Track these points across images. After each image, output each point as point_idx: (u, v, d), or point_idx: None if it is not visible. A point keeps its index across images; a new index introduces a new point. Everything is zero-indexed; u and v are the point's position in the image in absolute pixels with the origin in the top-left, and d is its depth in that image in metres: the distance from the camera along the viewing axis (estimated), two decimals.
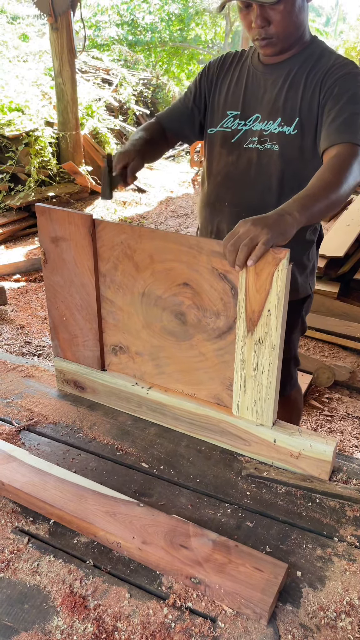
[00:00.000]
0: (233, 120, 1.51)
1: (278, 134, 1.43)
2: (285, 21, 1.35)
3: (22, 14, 10.21)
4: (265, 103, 1.46)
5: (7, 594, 0.98)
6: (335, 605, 0.95)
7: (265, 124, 1.45)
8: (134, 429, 1.40)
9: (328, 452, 1.18)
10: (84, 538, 1.09)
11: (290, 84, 1.42)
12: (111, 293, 1.35)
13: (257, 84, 1.48)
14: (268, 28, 1.35)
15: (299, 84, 1.41)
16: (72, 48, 5.68)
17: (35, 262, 4.51)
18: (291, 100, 1.42)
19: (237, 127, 1.50)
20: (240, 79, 1.52)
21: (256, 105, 1.48)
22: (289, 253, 1.06)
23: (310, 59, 1.43)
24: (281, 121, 1.42)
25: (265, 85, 1.47)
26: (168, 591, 0.98)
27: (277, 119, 1.43)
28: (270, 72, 1.46)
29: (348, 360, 3.19)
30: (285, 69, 1.44)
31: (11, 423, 1.43)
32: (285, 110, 1.42)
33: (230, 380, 1.26)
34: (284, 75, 1.44)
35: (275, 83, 1.45)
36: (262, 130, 1.45)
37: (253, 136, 1.47)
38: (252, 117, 1.48)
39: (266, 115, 1.45)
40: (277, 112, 1.43)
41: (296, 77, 1.42)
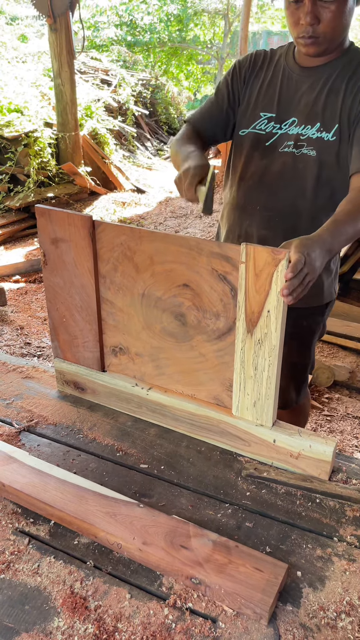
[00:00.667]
0: (267, 122, 1.48)
1: (316, 139, 1.41)
2: (335, 21, 1.32)
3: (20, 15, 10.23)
4: (303, 107, 1.43)
5: (7, 595, 0.98)
6: (336, 605, 0.95)
7: (303, 128, 1.43)
8: (134, 429, 1.41)
9: (328, 452, 1.19)
10: (84, 539, 1.09)
11: (330, 89, 1.40)
12: (111, 294, 1.36)
13: (293, 86, 1.45)
14: (317, 26, 1.32)
15: (339, 89, 1.39)
16: (71, 49, 5.68)
17: (34, 263, 4.51)
18: (331, 106, 1.39)
19: (271, 130, 1.47)
20: (273, 79, 1.49)
21: (292, 108, 1.45)
22: (288, 254, 1.06)
23: (350, 65, 1.40)
24: (320, 127, 1.40)
25: (302, 88, 1.44)
26: (168, 592, 0.98)
27: (315, 124, 1.41)
28: (308, 75, 1.43)
29: (347, 360, 3.20)
30: (323, 73, 1.42)
31: (11, 424, 1.43)
32: (324, 116, 1.40)
33: (230, 381, 1.26)
34: (323, 79, 1.41)
35: (314, 87, 1.42)
36: (299, 135, 1.43)
37: (289, 140, 1.45)
38: (288, 120, 1.45)
39: (303, 120, 1.43)
40: (315, 117, 1.41)
41: (336, 82, 1.40)
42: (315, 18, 1.30)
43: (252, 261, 1.09)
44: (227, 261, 1.14)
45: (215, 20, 13.58)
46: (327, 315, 1.72)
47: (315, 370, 2.97)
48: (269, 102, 1.48)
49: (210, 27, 13.56)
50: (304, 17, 1.31)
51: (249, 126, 1.51)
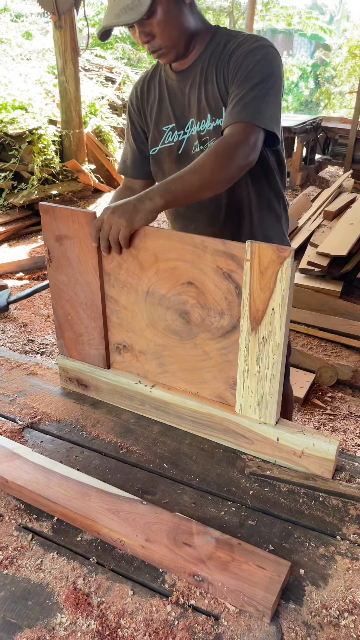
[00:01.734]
0: (172, 133, 1.52)
1: (214, 129, 1.43)
2: (166, 30, 1.33)
3: (25, 12, 10.21)
4: (193, 106, 1.46)
5: (11, 590, 0.99)
6: (338, 604, 0.96)
7: (200, 125, 1.46)
8: (137, 427, 1.41)
9: (331, 450, 1.19)
10: (87, 535, 1.10)
11: (205, 79, 1.42)
12: (115, 292, 1.36)
13: (178, 91, 1.49)
14: (153, 42, 1.35)
15: (212, 75, 1.41)
16: (76, 46, 5.68)
17: (38, 261, 4.51)
18: (211, 93, 1.42)
19: (178, 138, 1.51)
20: (161, 94, 1.53)
21: (186, 111, 1.48)
22: (293, 252, 1.06)
23: (217, 49, 1.42)
24: (211, 117, 1.43)
25: (185, 90, 1.47)
26: (171, 589, 0.98)
27: (207, 116, 1.43)
28: (185, 76, 1.46)
29: (351, 359, 3.19)
30: (196, 68, 1.44)
31: (15, 421, 1.43)
32: (210, 105, 1.42)
33: (233, 380, 1.26)
34: (198, 73, 1.44)
35: (193, 84, 1.45)
36: (199, 132, 1.46)
37: (195, 140, 1.48)
38: (187, 123, 1.48)
39: (198, 117, 1.46)
40: (204, 110, 1.44)
41: (208, 70, 1.42)
42: (147, 35, 1.33)
43: (257, 259, 1.09)
44: (231, 259, 1.14)
45: (220, 17, 13.54)
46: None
47: (318, 369, 2.97)
48: (166, 116, 1.52)
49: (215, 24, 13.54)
50: (138, 38, 1.35)
51: (157, 143, 1.56)
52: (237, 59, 1.35)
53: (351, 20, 18.83)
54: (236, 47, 1.37)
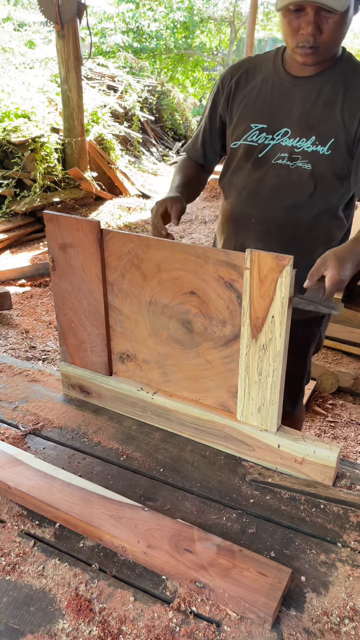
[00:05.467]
0: (259, 133, 1.44)
1: (311, 152, 1.38)
2: (336, 33, 1.29)
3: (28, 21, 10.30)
4: (296, 118, 1.40)
5: (13, 596, 0.99)
6: (339, 611, 0.96)
7: (297, 140, 1.40)
8: (139, 433, 1.42)
9: (332, 457, 1.19)
10: (89, 542, 1.10)
11: (325, 101, 1.37)
12: (118, 301, 1.37)
13: (285, 96, 1.41)
14: (318, 37, 1.28)
15: (334, 102, 1.36)
16: (78, 55, 5.73)
17: (40, 267, 4.53)
18: (326, 119, 1.37)
19: (263, 141, 1.44)
20: (263, 89, 1.45)
21: (284, 119, 1.42)
22: (292, 259, 1.08)
23: (345, 75, 1.37)
24: (315, 140, 1.38)
25: (295, 98, 1.40)
26: (173, 595, 0.99)
27: (310, 137, 1.38)
28: (301, 84, 1.40)
29: (352, 367, 3.20)
30: (317, 83, 1.38)
31: (17, 427, 1.44)
32: (319, 129, 1.37)
33: (236, 388, 1.27)
34: (317, 90, 1.38)
35: (307, 97, 1.39)
36: (294, 147, 1.40)
37: (282, 152, 1.42)
38: (280, 131, 1.42)
39: (298, 132, 1.40)
40: (310, 130, 1.38)
41: (331, 94, 1.36)
42: (317, 28, 1.27)
43: (256, 267, 1.10)
44: (233, 269, 1.15)
45: (222, 27, 13.65)
46: (324, 326, 1.71)
47: (319, 376, 2.97)
48: (259, 113, 1.45)
49: (217, 34, 13.64)
50: (305, 26, 1.27)
51: (240, 138, 1.48)
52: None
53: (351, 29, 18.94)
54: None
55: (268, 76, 1.45)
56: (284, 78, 1.43)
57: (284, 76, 1.43)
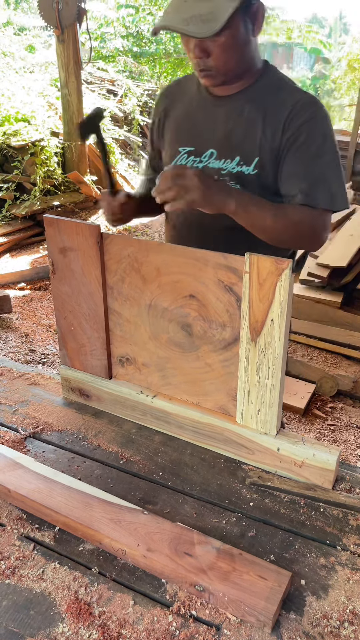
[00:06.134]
0: (187, 157, 1.40)
1: (236, 174, 1.34)
2: (225, 55, 1.24)
3: (28, 26, 10.34)
4: (219, 139, 1.35)
5: (13, 600, 0.99)
6: (339, 614, 0.96)
7: (223, 162, 1.35)
8: (139, 437, 1.42)
9: (331, 461, 1.20)
10: (89, 545, 1.10)
11: (247, 120, 1.32)
12: (118, 305, 1.37)
13: (209, 117, 1.37)
14: (207, 60, 1.24)
15: (256, 120, 1.31)
16: (78, 60, 5.75)
17: (40, 271, 4.54)
18: (249, 138, 1.32)
19: (192, 164, 1.40)
20: (189, 111, 1.41)
21: (209, 140, 1.37)
22: (292, 263, 1.08)
23: (267, 92, 1.33)
24: (239, 160, 1.33)
25: (218, 118, 1.36)
26: (172, 599, 0.99)
27: (234, 157, 1.33)
28: (222, 104, 1.35)
29: (351, 370, 3.20)
30: (238, 101, 1.34)
31: (17, 430, 1.44)
32: (243, 149, 1.33)
33: (236, 391, 1.27)
34: (238, 108, 1.33)
35: (229, 117, 1.34)
36: (220, 169, 1.36)
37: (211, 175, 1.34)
38: (206, 153, 1.37)
39: (223, 153, 1.35)
40: (234, 151, 1.34)
41: (252, 113, 1.32)
42: (203, 52, 1.23)
43: (255, 270, 1.11)
44: (232, 272, 1.16)
45: None
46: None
47: (319, 379, 2.98)
48: (186, 136, 1.41)
49: None
50: (192, 50, 1.25)
51: (169, 163, 1.44)
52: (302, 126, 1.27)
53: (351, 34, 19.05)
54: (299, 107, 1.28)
55: (192, 97, 1.42)
56: (206, 98, 1.39)
57: (206, 96, 1.39)
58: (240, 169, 1.34)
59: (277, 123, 1.30)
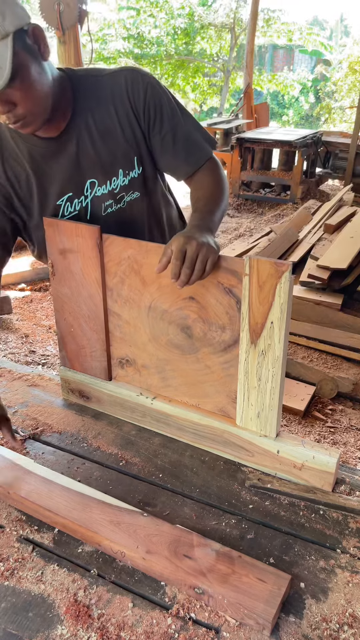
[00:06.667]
0: (70, 204, 1.34)
1: (130, 182, 1.33)
2: (31, 96, 1.11)
3: None
4: (89, 167, 1.30)
5: (11, 602, 0.99)
6: (338, 617, 0.96)
7: (109, 184, 1.32)
8: (138, 438, 1.42)
9: (331, 463, 1.19)
10: (88, 547, 1.10)
11: (100, 135, 1.28)
12: (118, 307, 1.37)
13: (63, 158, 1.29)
14: (15, 110, 1.12)
15: (108, 129, 1.27)
16: (79, 61, 5.75)
17: (40, 272, 4.54)
18: (117, 146, 1.29)
19: (81, 205, 1.34)
20: (36, 169, 1.30)
21: (80, 176, 1.31)
22: (291, 266, 1.08)
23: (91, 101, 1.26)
24: (123, 171, 1.31)
25: (73, 154, 1.28)
26: (171, 601, 0.98)
27: (117, 172, 1.31)
28: (63, 141, 1.27)
29: (351, 372, 3.20)
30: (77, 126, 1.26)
31: (17, 432, 1.44)
32: (118, 160, 1.30)
33: (235, 393, 1.27)
34: (85, 130, 1.27)
35: (81, 145, 1.27)
36: (112, 191, 1.33)
37: (105, 201, 1.33)
38: (85, 186, 1.32)
39: (103, 176, 1.31)
40: (112, 167, 1.31)
41: (99, 125, 1.27)
42: (8, 104, 1.10)
43: (255, 273, 1.11)
44: (232, 275, 1.16)
45: (222, 33, 13.73)
46: None
47: (318, 381, 2.97)
48: (54, 189, 1.32)
49: (217, 40, 13.72)
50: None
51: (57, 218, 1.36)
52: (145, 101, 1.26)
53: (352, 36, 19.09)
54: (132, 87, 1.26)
55: (24, 156, 1.29)
56: (39, 146, 1.28)
57: (40, 144, 1.27)
58: (129, 176, 1.33)
59: (126, 112, 1.27)
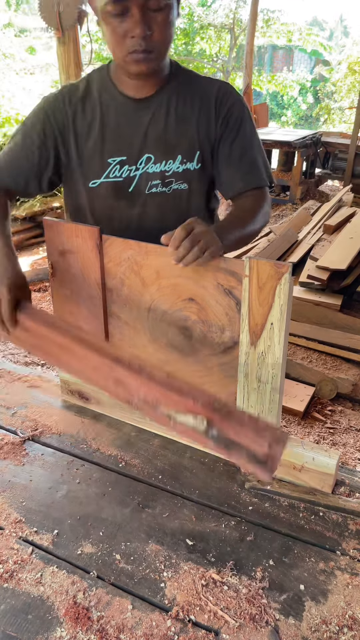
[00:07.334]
0: (120, 167, 1.33)
1: (183, 172, 1.33)
2: (167, 31, 1.18)
3: (29, 27, 10.37)
4: (154, 142, 1.32)
5: (11, 604, 0.99)
6: (338, 619, 0.96)
7: (164, 164, 1.33)
8: (138, 440, 1.42)
9: (331, 465, 1.19)
10: (87, 549, 1.10)
11: (177, 117, 1.31)
12: (117, 308, 1.37)
13: (134, 122, 1.32)
14: (150, 38, 1.16)
15: (186, 115, 1.31)
16: (79, 62, 5.75)
17: (40, 272, 4.54)
18: (186, 134, 1.32)
19: (128, 174, 1.34)
20: (107, 119, 1.32)
21: (142, 146, 1.32)
22: (291, 267, 1.08)
23: (185, 86, 1.32)
24: (182, 158, 1.32)
25: (144, 123, 1.31)
26: (171, 603, 0.98)
27: (176, 156, 1.32)
28: (145, 106, 1.31)
29: (351, 373, 3.20)
30: (162, 101, 1.31)
31: (16, 433, 1.44)
32: (183, 146, 1.32)
33: (235, 395, 1.27)
34: (164, 108, 1.31)
35: (158, 119, 1.31)
36: (164, 172, 1.33)
37: (153, 179, 1.34)
38: (142, 159, 1.32)
39: (161, 155, 1.32)
40: (174, 150, 1.32)
41: (179, 109, 1.31)
42: (148, 27, 1.14)
43: (255, 274, 1.11)
44: (232, 276, 1.16)
45: (222, 34, 13.72)
46: None
47: (318, 382, 2.97)
48: (113, 146, 1.33)
49: (217, 40, 13.70)
50: (133, 28, 1.14)
51: (99, 176, 1.35)
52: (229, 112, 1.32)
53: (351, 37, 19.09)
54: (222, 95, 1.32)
55: (106, 104, 1.33)
56: (125, 103, 1.32)
57: (123, 100, 1.32)
58: (185, 166, 1.34)
59: (208, 112, 1.32)
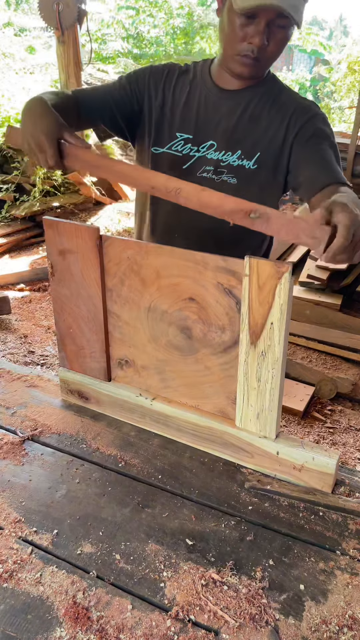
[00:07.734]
0: (184, 144, 1.39)
1: (237, 167, 1.37)
2: (281, 47, 1.27)
3: (29, 27, 10.35)
4: (222, 131, 1.38)
5: (10, 604, 0.99)
6: (338, 619, 0.96)
7: (222, 154, 1.37)
8: (138, 440, 1.41)
9: (331, 464, 1.19)
10: (87, 549, 1.10)
11: (250, 115, 1.36)
12: (117, 307, 1.37)
13: (212, 108, 1.38)
14: (264, 48, 1.25)
15: (260, 117, 1.36)
16: (79, 61, 5.75)
17: (39, 272, 4.54)
18: (252, 133, 1.36)
19: (188, 152, 1.39)
20: (190, 99, 1.41)
21: (210, 131, 1.38)
22: (291, 267, 1.08)
23: (270, 93, 1.38)
24: (241, 154, 1.36)
25: (221, 112, 1.38)
26: (171, 603, 0.98)
27: (236, 150, 1.36)
28: (227, 97, 1.38)
29: (351, 373, 3.20)
30: (243, 98, 1.37)
31: (15, 433, 1.44)
32: (245, 144, 1.36)
33: (235, 394, 1.27)
34: (243, 105, 1.37)
35: (233, 112, 1.37)
36: (219, 161, 1.37)
37: (208, 165, 1.38)
38: (205, 143, 1.38)
39: (223, 145, 1.37)
40: (236, 144, 1.36)
41: (256, 109, 1.36)
42: (266, 39, 1.23)
43: (255, 274, 1.10)
44: (232, 275, 1.16)
45: None
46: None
47: (318, 382, 2.97)
48: (185, 123, 1.40)
49: (216, 40, 13.70)
50: (255, 35, 1.22)
51: (164, 145, 1.42)
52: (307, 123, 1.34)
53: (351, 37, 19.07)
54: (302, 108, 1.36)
55: (196, 86, 1.41)
56: (211, 90, 1.39)
57: (211, 87, 1.39)
58: (241, 162, 1.36)
59: (280, 121, 1.35)
